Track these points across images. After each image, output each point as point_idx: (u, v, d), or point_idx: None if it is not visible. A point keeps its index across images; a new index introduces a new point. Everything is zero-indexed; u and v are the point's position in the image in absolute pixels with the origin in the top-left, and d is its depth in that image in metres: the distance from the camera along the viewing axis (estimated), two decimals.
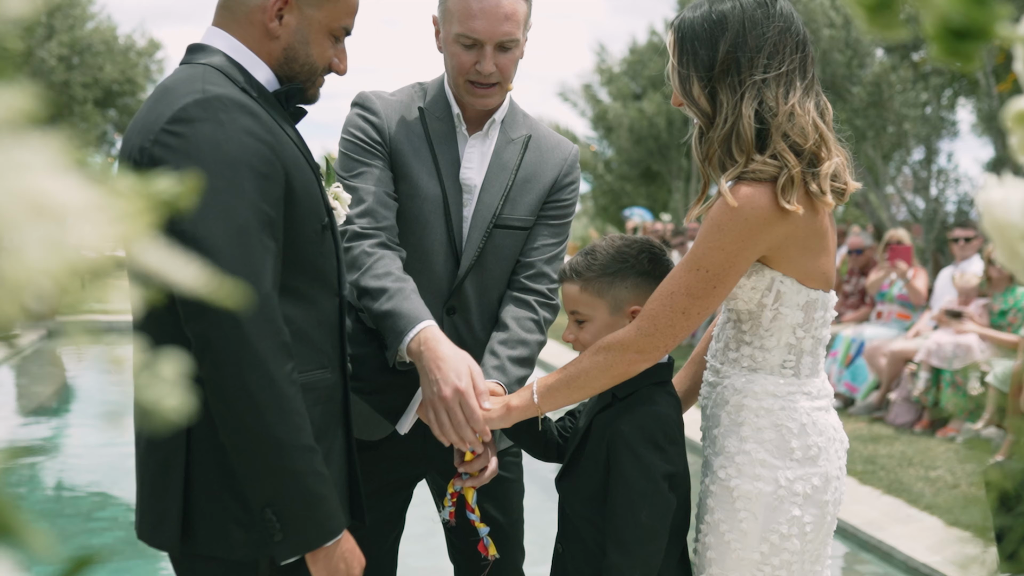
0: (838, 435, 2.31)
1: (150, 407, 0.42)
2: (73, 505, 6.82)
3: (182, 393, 0.42)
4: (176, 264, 0.40)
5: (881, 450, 7.58)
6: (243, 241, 1.88)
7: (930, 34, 0.67)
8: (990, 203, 0.81)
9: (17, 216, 0.34)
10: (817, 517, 2.24)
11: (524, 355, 2.64)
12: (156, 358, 0.43)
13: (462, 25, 2.53)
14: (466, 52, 2.56)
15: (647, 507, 2.19)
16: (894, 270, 9.19)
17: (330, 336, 2.18)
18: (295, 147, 2.07)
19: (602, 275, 2.33)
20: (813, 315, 2.24)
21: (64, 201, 0.35)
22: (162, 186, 0.48)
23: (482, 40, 2.54)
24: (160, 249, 0.40)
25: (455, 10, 2.55)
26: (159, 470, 2.03)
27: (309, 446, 1.94)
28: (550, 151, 2.77)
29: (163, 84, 2.06)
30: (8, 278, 0.35)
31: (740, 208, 2.10)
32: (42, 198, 0.35)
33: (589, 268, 2.35)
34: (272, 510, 1.91)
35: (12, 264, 0.35)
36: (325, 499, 1.96)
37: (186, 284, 0.40)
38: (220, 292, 0.44)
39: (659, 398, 2.29)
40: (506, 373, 2.58)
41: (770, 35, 2.16)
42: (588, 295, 2.34)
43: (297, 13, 2.08)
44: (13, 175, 0.34)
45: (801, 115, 2.15)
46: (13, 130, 0.35)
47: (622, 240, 2.39)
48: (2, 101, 0.35)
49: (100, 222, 0.36)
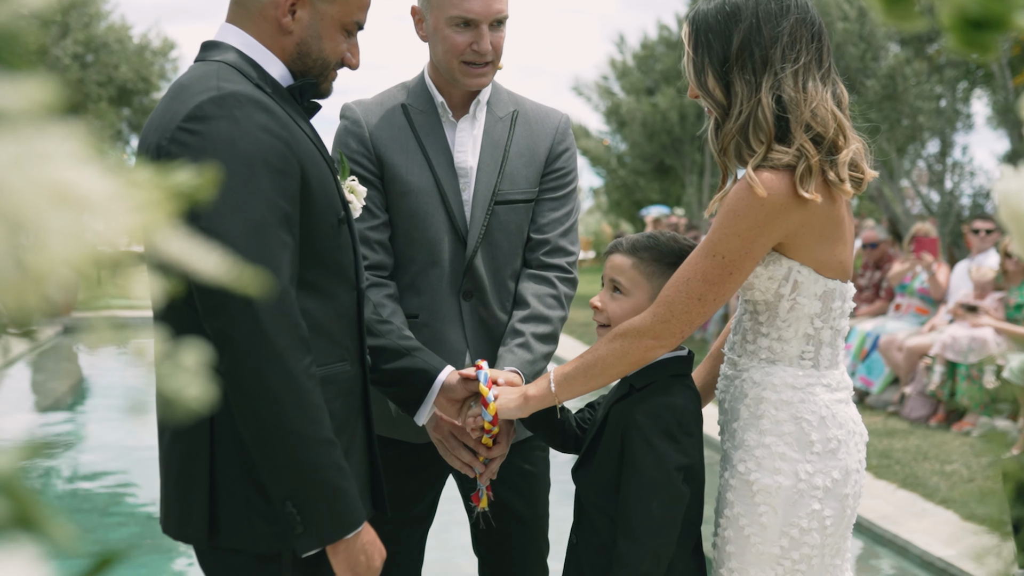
0: (858, 428, 2.31)
1: (172, 396, 0.42)
2: (89, 500, 6.86)
3: (203, 382, 0.42)
4: (196, 253, 0.40)
5: (896, 444, 7.56)
6: (260, 237, 1.90)
7: (947, 25, 0.67)
8: (1007, 193, 0.81)
9: (39, 205, 0.34)
10: (837, 511, 2.24)
11: (547, 331, 2.66)
12: (177, 348, 0.44)
13: (456, 7, 2.57)
14: (460, 33, 2.59)
15: (658, 497, 2.19)
16: (919, 262, 9.15)
17: (349, 329, 2.19)
18: (310, 142, 2.08)
19: (658, 261, 2.34)
20: (831, 305, 2.24)
21: (86, 191, 0.35)
22: (181, 178, 0.48)
23: (478, 19, 2.58)
24: (180, 238, 0.40)
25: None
26: (183, 465, 2.05)
27: (328, 439, 1.95)
28: (539, 123, 2.79)
29: (178, 82, 2.07)
30: (31, 267, 0.35)
31: (760, 196, 2.10)
32: (64, 187, 0.35)
33: (648, 250, 2.35)
34: (292, 503, 1.92)
35: (35, 253, 0.35)
36: (345, 492, 1.97)
37: (206, 273, 0.40)
38: (240, 281, 0.44)
39: (676, 390, 2.29)
40: (531, 350, 2.60)
41: (785, 26, 2.16)
42: (637, 273, 2.34)
43: (310, 8, 2.09)
44: (35, 165, 0.35)
45: (819, 103, 2.15)
46: (34, 121, 0.35)
47: (684, 240, 2.40)
48: (23, 92, 0.35)
49: (121, 212, 0.36)
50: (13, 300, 0.35)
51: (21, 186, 0.34)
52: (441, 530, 2.95)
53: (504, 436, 2.53)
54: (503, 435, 2.53)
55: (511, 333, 2.65)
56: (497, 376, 2.47)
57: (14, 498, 0.47)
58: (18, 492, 0.47)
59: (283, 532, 1.97)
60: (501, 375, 2.48)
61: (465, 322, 2.69)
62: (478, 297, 2.70)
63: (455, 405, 2.49)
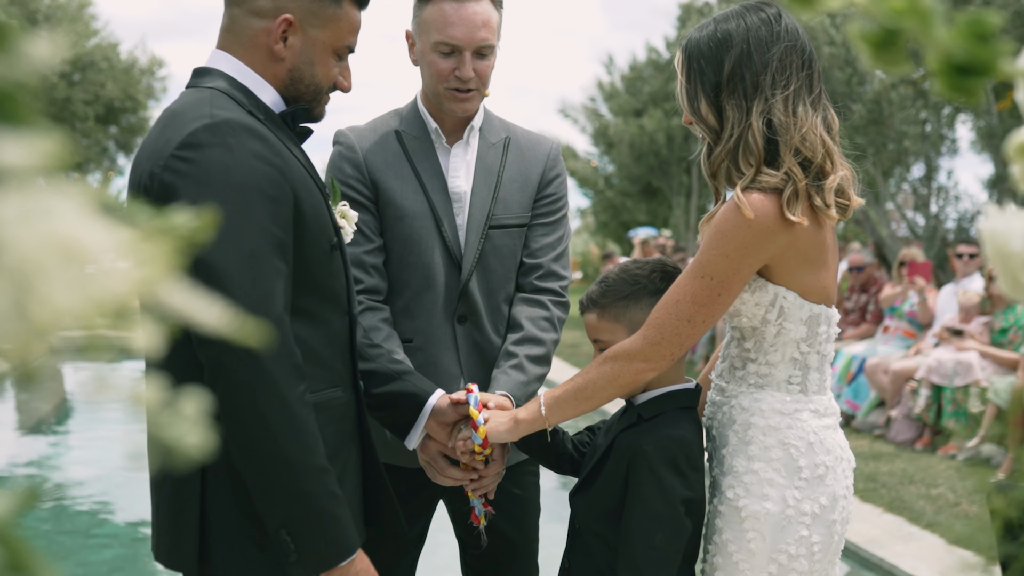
0: (845, 454, 2.32)
1: (171, 444, 0.43)
2: (72, 522, 6.81)
3: (203, 430, 0.43)
4: (200, 304, 0.40)
5: (882, 468, 7.57)
6: (254, 265, 1.90)
7: (934, 69, 0.68)
8: (993, 231, 0.82)
9: (45, 260, 0.35)
10: (825, 537, 2.24)
11: (541, 353, 2.69)
12: (177, 396, 0.44)
13: (440, 33, 2.60)
14: (444, 60, 2.63)
15: (663, 530, 2.19)
16: (912, 287, 9.20)
17: (341, 355, 2.20)
18: (303, 168, 2.09)
19: (617, 300, 2.35)
20: (817, 330, 2.25)
21: (92, 245, 0.36)
22: (180, 221, 0.49)
23: (461, 47, 2.61)
24: (184, 289, 0.41)
25: (432, 20, 2.62)
26: (174, 491, 2.05)
27: (322, 467, 1.95)
28: (531, 149, 2.82)
29: (170, 109, 2.07)
30: (35, 320, 0.36)
31: (747, 217, 2.11)
32: (70, 242, 0.35)
33: (604, 295, 2.37)
34: (287, 531, 1.92)
35: (39, 306, 0.35)
36: (339, 519, 1.97)
37: (210, 324, 0.40)
38: (242, 331, 0.44)
39: (684, 423, 2.30)
40: (525, 372, 2.62)
41: (776, 52, 2.18)
42: (607, 321, 2.36)
43: (301, 34, 2.10)
44: (42, 220, 0.35)
45: (810, 130, 2.17)
46: (41, 175, 0.36)
47: (633, 263, 2.42)
48: (28, 148, 0.36)
49: (127, 265, 0.37)
50: (18, 350, 0.35)
51: (27, 241, 0.34)
52: (430, 553, 2.94)
53: (499, 455, 2.54)
54: (497, 454, 2.54)
55: (505, 355, 2.67)
56: (487, 399, 2.47)
57: (7, 546, 0.47)
58: (11, 541, 0.47)
59: (276, 560, 1.96)
60: (491, 398, 2.49)
61: (459, 346, 2.70)
62: (472, 321, 2.71)
63: (446, 429, 2.49)
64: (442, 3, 2.60)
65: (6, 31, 0.37)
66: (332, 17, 2.12)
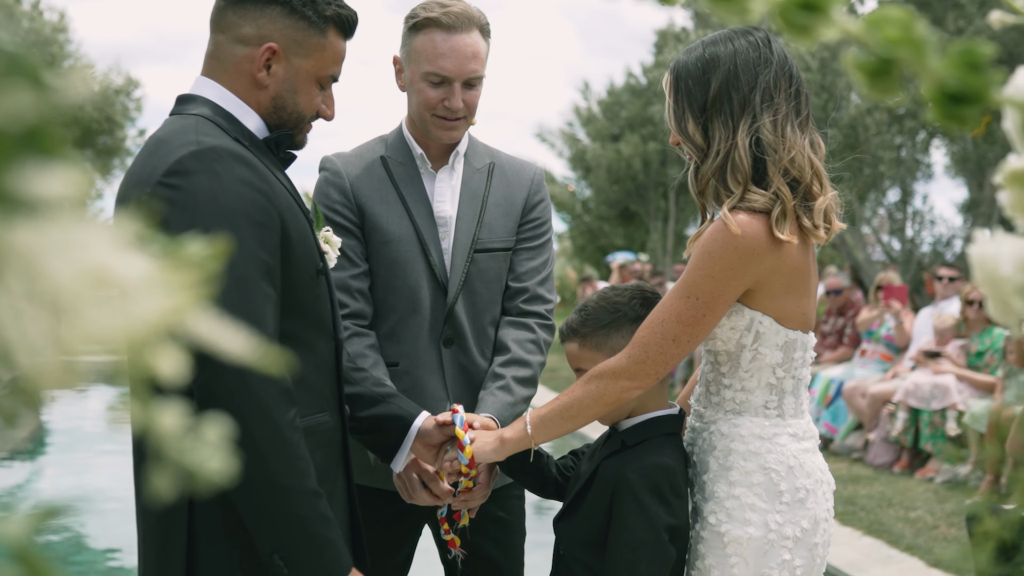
0: (825, 477, 2.33)
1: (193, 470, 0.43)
2: (49, 549, 6.74)
3: (225, 456, 0.43)
4: (226, 333, 0.41)
5: (861, 491, 7.60)
6: (244, 291, 1.90)
7: (928, 98, 0.69)
8: (983, 257, 0.83)
9: (79, 290, 0.35)
10: (807, 560, 2.25)
11: (527, 375, 2.71)
12: (199, 422, 0.45)
13: (431, 64, 2.63)
14: (434, 89, 2.65)
15: (647, 558, 2.19)
16: (888, 310, 9.27)
17: (328, 379, 2.20)
18: (288, 194, 2.09)
19: (597, 329, 2.36)
20: (792, 355, 2.27)
21: (124, 275, 0.36)
22: (193, 249, 0.49)
23: (451, 78, 2.64)
24: (209, 319, 0.41)
25: (422, 50, 2.64)
26: (161, 520, 2.03)
27: (314, 491, 1.95)
28: (515, 174, 2.86)
29: (156, 136, 2.07)
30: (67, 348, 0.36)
31: (732, 235, 2.13)
32: (104, 273, 0.36)
33: (584, 324, 2.38)
34: (280, 556, 1.92)
35: (72, 334, 0.36)
36: (331, 542, 1.97)
37: (233, 353, 0.41)
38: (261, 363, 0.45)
39: (668, 449, 2.30)
40: (512, 393, 2.64)
41: (764, 75, 2.21)
42: (588, 351, 2.36)
43: (285, 63, 2.11)
44: (76, 250, 0.36)
45: (799, 151, 2.19)
46: (73, 207, 0.37)
47: (612, 290, 2.43)
48: (62, 178, 0.36)
49: (158, 295, 0.37)
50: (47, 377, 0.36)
51: (61, 271, 0.35)
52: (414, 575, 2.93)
53: (485, 479, 2.54)
54: (484, 478, 2.54)
55: (492, 377, 2.69)
56: (473, 420, 2.48)
57: (27, 565, 0.47)
58: (31, 559, 0.47)
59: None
60: (477, 419, 2.50)
61: (445, 369, 2.71)
62: (458, 344, 2.72)
63: (431, 450, 2.49)
64: (433, 33, 2.63)
65: (35, 66, 0.38)
66: (316, 46, 2.13)
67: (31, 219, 0.36)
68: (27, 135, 0.35)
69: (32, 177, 0.36)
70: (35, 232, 0.35)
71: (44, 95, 0.37)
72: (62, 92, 0.38)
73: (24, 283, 0.34)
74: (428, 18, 2.63)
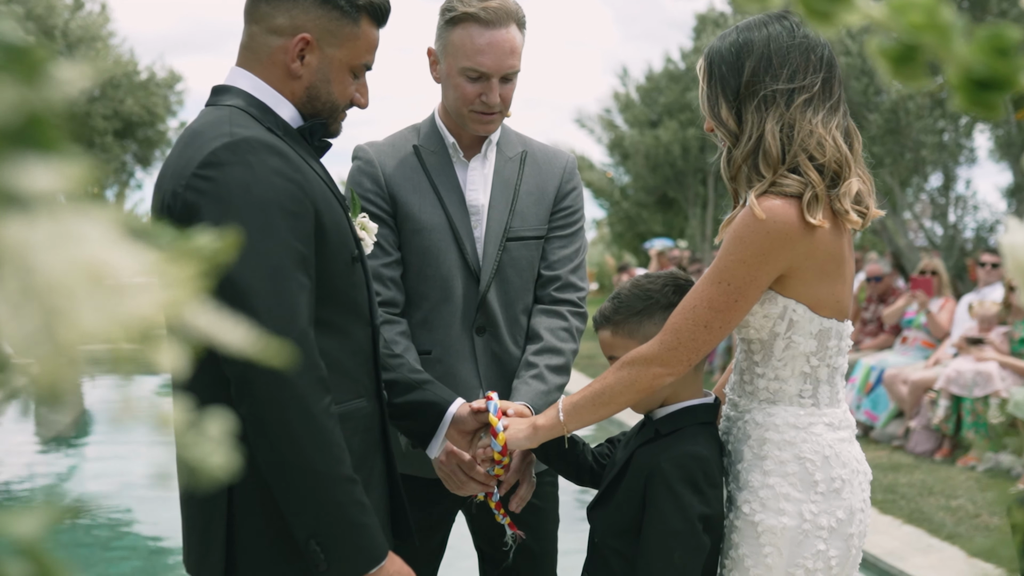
0: (861, 467, 2.31)
1: (196, 465, 0.43)
2: (91, 534, 6.84)
3: (227, 451, 0.43)
4: (225, 325, 0.41)
5: (901, 479, 7.53)
6: (278, 280, 1.92)
7: (954, 84, 0.68)
8: (1013, 245, 0.82)
9: (74, 284, 0.35)
10: (842, 551, 2.23)
11: (560, 363, 2.72)
12: (201, 416, 0.45)
13: (469, 59, 2.63)
14: (471, 84, 2.66)
15: (681, 547, 2.19)
16: (915, 299, 9.17)
17: (365, 365, 2.22)
18: (322, 182, 2.11)
19: (630, 316, 2.35)
20: (827, 344, 2.25)
21: (119, 269, 0.36)
22: (203, 242, 0.49)
23: (489, 73, 2.64)
24: (209, 310, 0.41)
25: (460, 44, 2.64)
26: (202, 503, 2.08)
27: (349, 477, 1.98)
28: (547, 163, 2.86)
29: (191, 128, 2.10)
30: (63, 341, 0.36)
31: (764, 220, 2.12)
32: (98, 266, 0.36)
33: (617, 311, 2.37)
34: (316, 541, 1.95)
35: (67, 328, 0.36)
36: (367, 527, 1.99)
37: (235, 344, 0.41)
38: (266, 353, 0.45)
39: (703, 439, 2.29)
40: (545, 381, 2.65)
41: (795, 57, 2.20)
42: (621, 338, 2.36)
43: (318, 53, 2.12)
44: (70, 244, 0.36)
45: (822, 133, 2.18)
46: (69, 200, 0.36)
47: (645, 278, 2.42)
48: (58, 172, 0.36)
49: (154, 288, 0.37)
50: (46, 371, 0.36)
51: (55, 265, 0.35)
52: (448, 565, 2.95)
53: (519, 464, 2.56)
54: (517, 463, 2.56)
55: (525, 365, 2.70)
56: (507, 407, 2.49)
57: (37, 562, 0.47)
58: (41, 556, 0.47)
59: (306, 570, 1.99)
60: (511, 406, 2.51)
61: (478, 358, 2.73)
62: (491, 333, 2.74)
63: (466, 437, 2.51)
64: (470, 28, 2.63)
65: (33, 57, 0.38)
66: (349, 35, 2.14)
67: (25, 213, 0.36)
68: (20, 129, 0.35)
69: (25, 171, 0.36)
70: (29, 226, 0.35)
71: (39, 88, 0.36)
72: (63, 85, 0.38)
73: (19, 278, 0.34)
74: (466, 13, 2.62)
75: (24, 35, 0.42)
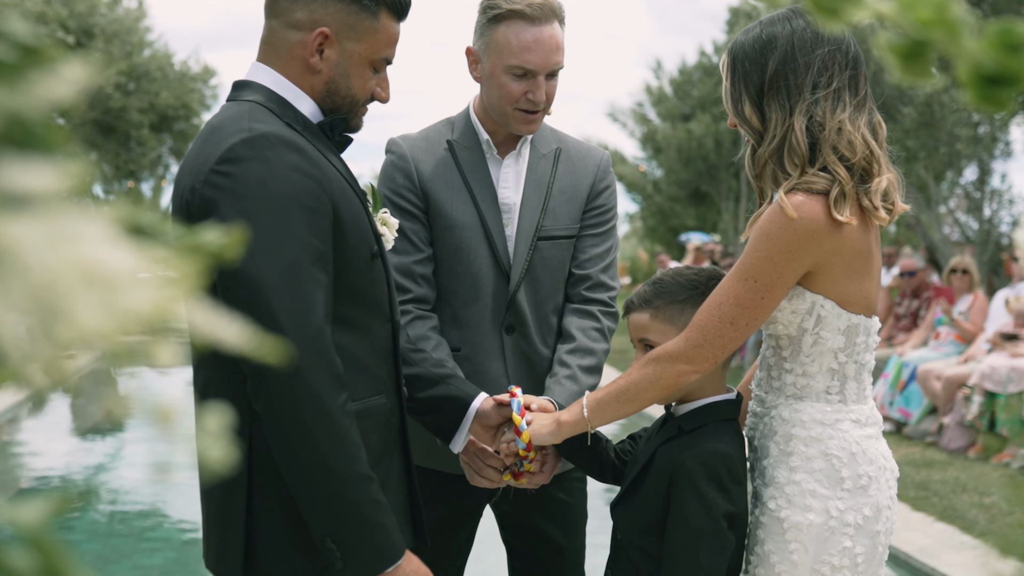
0: (888, 464, 2.29)
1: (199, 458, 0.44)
2: (126, 524, 6.91)
3: (225, 446, 0.44)
4: (221, 323, 0.41)
5: (934, 476, 7.47)
6: (294, 277, 1.92)
7: (964, 80, 0.67)
8: None
9: (70, 283, 0.36)
10: (869, 548, 2.22)
11: (593, 364, 2.71)
12: (201, 411, 0.45)
13: (516, 57, 2.61)
14: (517, 82, 2.63)
15: (706, 546, 2.17)
16: (939, 305, 9.13)
17: (384, 361, 2.21)
18: (341, 178, 2.11)
19: (672, 302, 2.33)
20: (855, 340, 2.23)
21: (115, 267, 0.37)
22: (209, 239, 0.50)
23: (536, 71, 2.62)
24: (206, 308, 0.42)
25: (505, 43, 2.62)
26: (222, 500, 2.08)
27: (366, 475, 1.98)
28: (581, 160, 2.84)
29: (211, 123, 2.10)
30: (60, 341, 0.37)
31: (790, 217, 2.10)
32: (94, 265, 0.37)
33: (659, 296, 2.35)
34: (332, 539, 1.95)
35: (64, 328, 0.37)
36: (384, 526, 1.99)
37: (230, 343, 0.41)
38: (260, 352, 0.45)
39: (726, 436, 2.28)
40: (578, 382, 2.64)
41: (819, 53, 2.18)
42: (659, 323, 2.34)
43: (337, 47, 2.12)
44: (66, 244, 0.36)
45: (850, 130, 2.16)
46: (65, 200, 0.37)
47: (689, 269, 2.41)
48: (55, 172, 0.37)
49: (151, 287, 0.38)
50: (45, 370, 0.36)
51: (52, 264, 0.35)
52: (476, 559, 2.96)
53: (542, 459, 2.55)
54: (550, 462, 2.55)
55: (558, 364, 2.69)
56: (530, 402, 2.49)
57: (42, 552, 0.48)
58: (45, 546, 0.48)
59: (323, 568, 1.99)
60: (535, 401, 2.50)
61: (507, 356, 2.72)
62: (520, 331, 2.73)
63: (489, 431, 2.51)
64: (516, 25, 2.61)
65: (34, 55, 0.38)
66: (369, 30, 2.14)
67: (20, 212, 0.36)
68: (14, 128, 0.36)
69: (19, 170, 0.37)
70: (23, 226, 0.36)
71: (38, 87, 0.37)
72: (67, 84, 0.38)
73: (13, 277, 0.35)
74: (511, 10, 2.60)
75: (35, 34, 0.43)
